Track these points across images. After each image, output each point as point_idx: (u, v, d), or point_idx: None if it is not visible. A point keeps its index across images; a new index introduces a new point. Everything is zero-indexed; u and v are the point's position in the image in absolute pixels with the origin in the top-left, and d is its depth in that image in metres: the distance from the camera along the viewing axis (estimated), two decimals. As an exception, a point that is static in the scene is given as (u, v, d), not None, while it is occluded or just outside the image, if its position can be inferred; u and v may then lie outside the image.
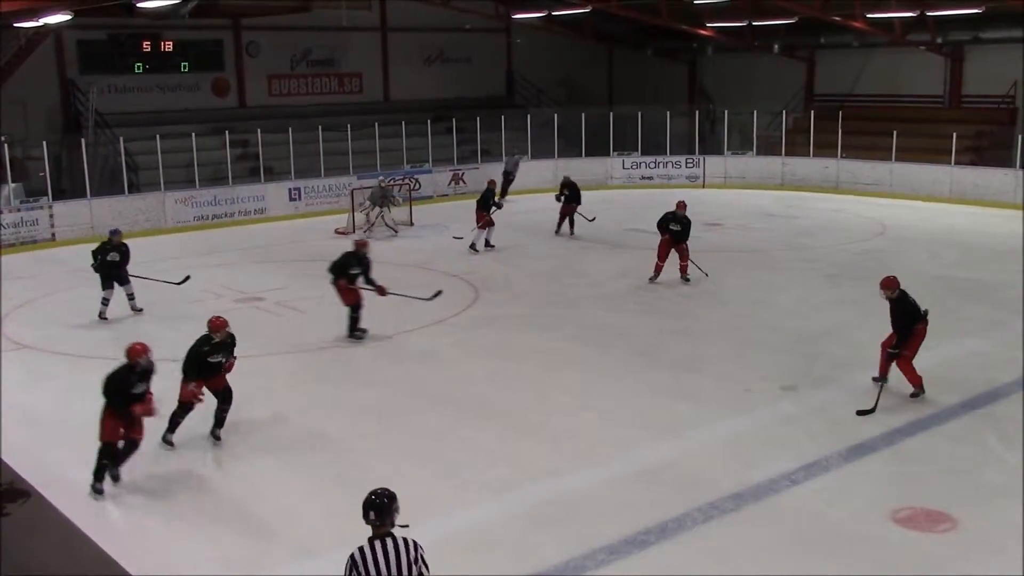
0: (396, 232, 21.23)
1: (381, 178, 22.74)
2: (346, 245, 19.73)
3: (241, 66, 27.90)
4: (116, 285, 14.24)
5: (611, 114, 27.87)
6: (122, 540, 7.51)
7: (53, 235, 20.37)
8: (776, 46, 29.43)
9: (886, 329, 10.55)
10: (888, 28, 25.60)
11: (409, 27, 30.16)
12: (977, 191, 23.71)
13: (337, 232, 21.28)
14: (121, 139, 22.18)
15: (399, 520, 5.33)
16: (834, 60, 30.06)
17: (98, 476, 8.47)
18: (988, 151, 25.45)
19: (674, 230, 15.24)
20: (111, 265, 14.11)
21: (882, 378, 10.31)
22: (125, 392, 8.44)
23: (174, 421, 9.40)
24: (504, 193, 24.67)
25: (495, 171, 24.47)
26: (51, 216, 20.47)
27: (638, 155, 27.95)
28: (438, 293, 13.82)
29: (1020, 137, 23.55)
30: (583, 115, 27.25)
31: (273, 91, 28.61)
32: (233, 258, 18.47)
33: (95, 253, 14.24)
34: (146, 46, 26.23)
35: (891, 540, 7.51)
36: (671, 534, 7.62)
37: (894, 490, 8.33)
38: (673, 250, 15.51)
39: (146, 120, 24.22)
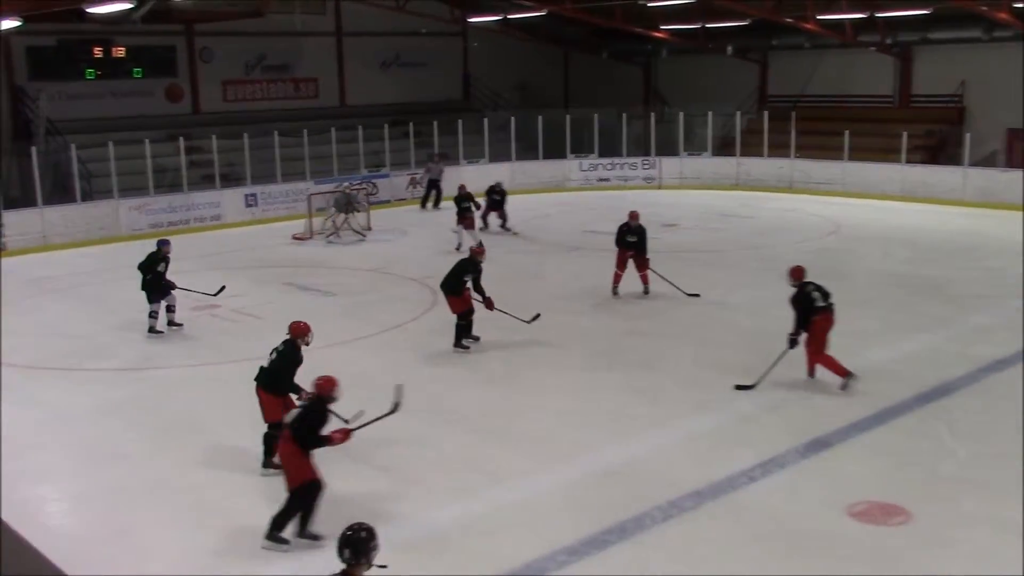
0: (364, 237, 21.20)
1: (346, 184, 22.71)
2: (303, 250, 19.70)
3: (195, 72, 27.67)
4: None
5: (567, 117, 28.00)
6: (85, 549, 7.43)
7: (3, 245, 20.05)
8: (729, 48, 29.71)
9: (839, 325, 10.74)
10: (839, 29, 25.96)
11: (364, 32, 30.07)
12: (927, 189, 24.10)
13: (295, 238, 21.18)
14: (73, 146, 21.87)
15: (377, 560, 4.96)
16: (786, 61, 30.43)
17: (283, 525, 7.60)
18: (937, 150, 25.92)
19: (631, 242, 15.19)
20: (161, 276, 13.65)
21: (848, 377, 10.62)
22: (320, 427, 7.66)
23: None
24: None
25: (453, 175, 24.48)
26: (1, 226, 20.14)
27: (595, 157, 28.09)
28: (536, 316, 13.19)
29: (968, 136, 24.02)
30: (540, 118, 27.36)
31: (228, 97, 28.39)
32: (189, 266, 18.20)
33: (145, 267, 13.62)
34: (97, 52, 25.96)
35: (847, 534, 7.62)
36: (631, 534, 7.67)
37: (849, 485, 8.45)
38: (631, 260, 15.38)
39: (98, 127, 23.96)
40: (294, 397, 8.63)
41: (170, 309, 13.90)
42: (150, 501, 8.54)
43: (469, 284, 12.56)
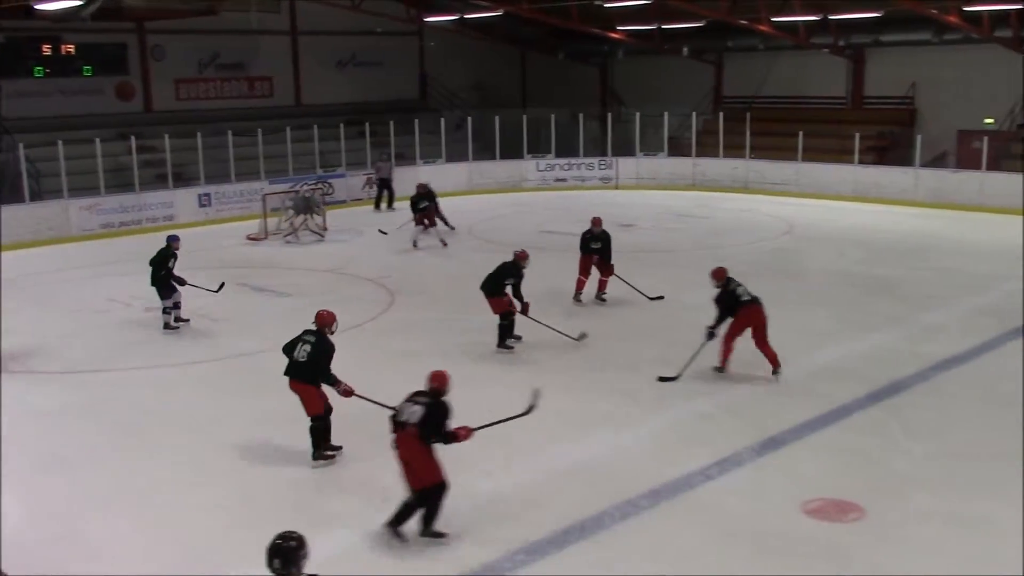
0: (322, 237, 21.06)
1: (304, 184, 22.55)
2: (258, 251, 19.50)
3: (147, 70, 27.25)
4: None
5: (524, 117, 28.00)
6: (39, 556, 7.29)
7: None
8: (685, 49, 29.92)
9: (793, 324, 10.83)
10: (792, 31, 26.23)
11: (320, 31, 29.84)
12: (879, 190, 24.44)
13: (249, 238, 20.96)
14: (21, 145, 21.44)
15: (307, 568, 4.93)
16: (741, 63, 30.70)
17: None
18: (889, 151, 26.27)
19: (595, 248, 15.14)
20: (171, 273, 13.58)
21: (776, 369, 10.98)
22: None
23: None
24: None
25: (410, 175, 24.38)
26: (-52, 227, 19.72)
27: (552, 157, 28.13)
28: (583, 335, 12.75)
29: (919, 137, 24.39)
30: (497, 118, 27.33)
31: (181, 95, 28.00)
32: (142, 267, 17.95)
33: (157, 263, 13.54)
34: (46, 49, 25.46)
35: (802, 531, 7.68)
36: (590, 533, 7.68)
37: (804, 482, 8.52)
38: (594, 265, 15.31)
39: (48, 125, 23.49)
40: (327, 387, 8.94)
41: (176, 306, 13.80)
42: (101, 505, 8.39)
43: (509, 289, 12.43)
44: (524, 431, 9.83)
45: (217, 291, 14.25)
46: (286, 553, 4.77)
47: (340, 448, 9.14)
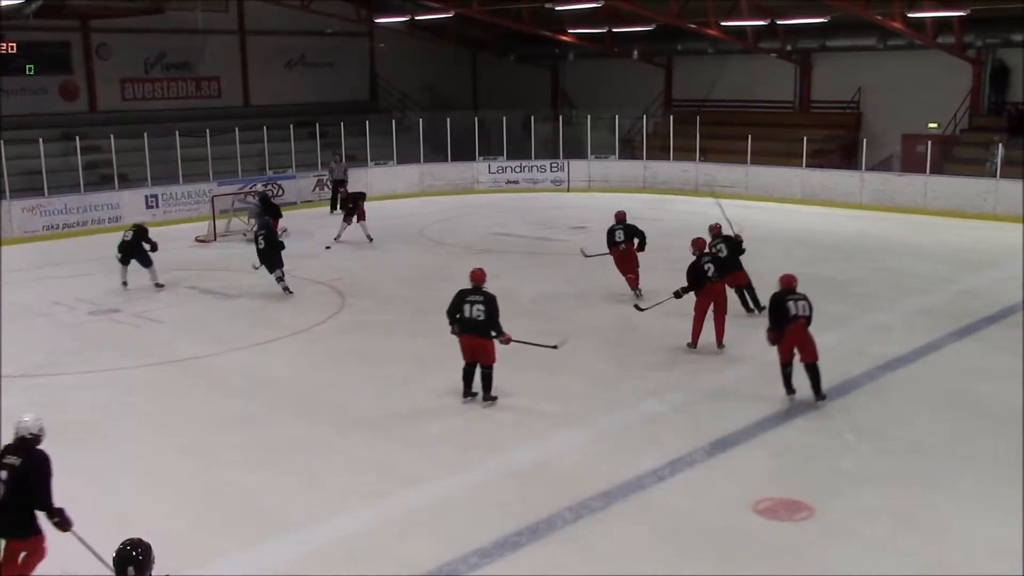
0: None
1: (257, 185, 22.33)
2: (207, 253, 19.26)
3: (91, 69, 26.77)
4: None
5: (476, 119, 27.99)
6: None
7: None
8: (635, 52, 30.13)
9: (741, 325, 10.91)
10: (741, 36, 26.51)
11: (268, 30, 29.56)
12: (826, 192, 24.78)
13: (197, 240, 20.70)
14: (-39, 145, 21.03)
15: (156, 570, 5.04)
16: (691, 66, 30.95)
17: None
18: (836, 154, 26.65)
19: (619, 241, 15.18)
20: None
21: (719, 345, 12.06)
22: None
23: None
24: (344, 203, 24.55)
25: (362, 177, 24.26)
26: None
27: (504, 159, 28.14)
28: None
29: (864, 141, 24.77)
30: (448, 120, 27.28)
31: (126, 95, 27.55)
32: (87, 268, 17.70)
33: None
34: (-13, 47, 24.92)
35: (753, 530, 7.75)
36: (542, 534, 7.67)
37: (755, 482, 8.60)
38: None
39: (-11, 125, 23.03)
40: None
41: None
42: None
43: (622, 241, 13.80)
44: (476, 432, 9.85)
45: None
46: (138, 562, 4.92)
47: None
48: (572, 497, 8.21)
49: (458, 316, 10.30)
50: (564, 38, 29.32)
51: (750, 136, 25.60)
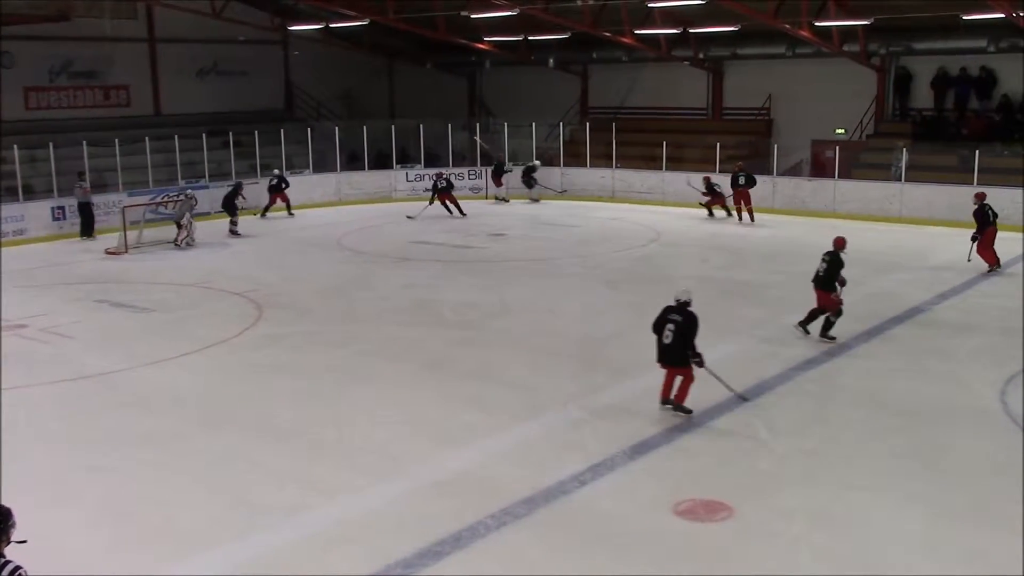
0: (193, 243, 20.81)
1: (166, 196, 21.97)
2: (117, 265, 18.78)
3: (-7, 78, 25.97)
4: None
5: (393, 127, 27.85)
6: None
7: None
8: (551, 60, 30.32)
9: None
10: (655, 44, 26.88)
11: (179, 38, 29.00)
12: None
13: (108, 252, 20.17)
14: None
15: (16, 536, 5.25)
16: (606, 74, 31.26)
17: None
18: (748, 160, 27.15)
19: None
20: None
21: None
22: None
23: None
24: (289, 208, 24.42)
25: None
26: None
27: (421, 167, 28.04)
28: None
29: (776, 147, 25.31)
30: (365, 128, 27.10)
31: (30, 104, 26.78)
32: (-10, 283, 17.10)
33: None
34: None
35: (674, 531, 7.83)
36: (466, 543, 7.64)
37: (675, 484, 8.69)
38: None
39: None
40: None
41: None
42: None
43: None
44: (398, 442, 9.77)
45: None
46: None
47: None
48: (495, 504, 8.19)
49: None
50: (480, 46, 29.38)
51: (665, 143, 25.93)
